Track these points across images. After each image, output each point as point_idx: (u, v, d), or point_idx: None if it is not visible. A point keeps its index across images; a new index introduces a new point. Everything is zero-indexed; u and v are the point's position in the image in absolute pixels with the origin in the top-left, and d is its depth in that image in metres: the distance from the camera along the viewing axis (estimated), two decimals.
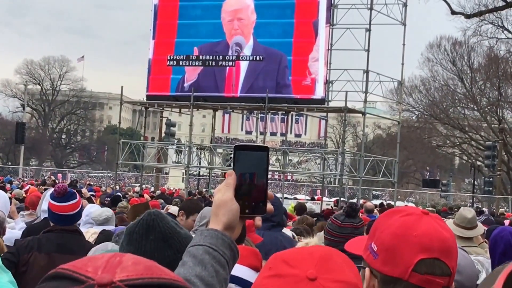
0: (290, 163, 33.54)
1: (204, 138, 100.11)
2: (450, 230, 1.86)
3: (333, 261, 1.63)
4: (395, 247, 1.81)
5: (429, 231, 1.81)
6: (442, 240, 1.81)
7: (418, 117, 62.52)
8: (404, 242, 1.80)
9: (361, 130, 37.94)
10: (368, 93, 28.65)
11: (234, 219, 1.84)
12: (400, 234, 1.82)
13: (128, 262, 1.08)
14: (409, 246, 1.80)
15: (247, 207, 1.88)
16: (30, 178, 46.98)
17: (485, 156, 43.28)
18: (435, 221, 1.84)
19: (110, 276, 1.04)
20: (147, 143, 38.05)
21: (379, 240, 1.85)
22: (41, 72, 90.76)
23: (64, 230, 5.07)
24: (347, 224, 4.83)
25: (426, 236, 1.80)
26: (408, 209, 1.90)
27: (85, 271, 1.05)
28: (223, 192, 1.88)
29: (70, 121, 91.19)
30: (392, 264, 1.81)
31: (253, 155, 1.92)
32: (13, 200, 11.61)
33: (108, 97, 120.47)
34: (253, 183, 1.90)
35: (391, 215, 1.90)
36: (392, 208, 1.97)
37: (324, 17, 28.88)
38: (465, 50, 57.67)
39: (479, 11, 47.48)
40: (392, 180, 31.98)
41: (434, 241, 1.80)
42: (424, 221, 1.83)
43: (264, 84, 29.25)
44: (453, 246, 1.84)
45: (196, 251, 1.79)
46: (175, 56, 31.43)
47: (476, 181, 55.18)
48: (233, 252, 1.82)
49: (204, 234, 1.82)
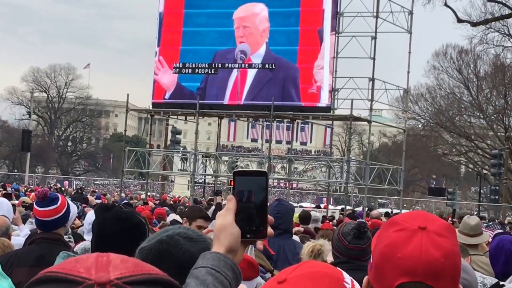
0: (296, 171, 33.50)
1: (210, 146, 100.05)
2: (448, 246, 1.76)
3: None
4: (381, 267, 1.78)
5: (415, 252, 1.74)
6: (428, 263, 1.73)
7: (424, 125, 62.40)
8: (388, 263, 1.76)
9: (367, 138, 37.95)
10: (374, 101, 28.65)
11: (236, 243, 1.90)
12: (386, 254, 1.78)
13: (116, 261, 1.11)
14: (391, 268, 1.75)
15: (248, 232, 1.93)
16: (36, 185, 47.01)
17: (491, 165, 43.09)
18: (428, 238, 1.76)
19: (106, 274, 1.05)
20: (153, 150, 38.10)
21: (373, 253, 1.83)
22: (47, 79, 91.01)
23: (47, 239, 4.93)
24: (353, 246, 4.79)
25: (409, 259, 1.74)
26: (404, 221, 1.81)
27: (78, 272, 1.06)
28: (224, 217, 1.92)
29: (76, 129, 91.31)
30: (378, 282, 1.79)
31: (252, 180, 1.97)
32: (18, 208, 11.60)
33: (114, 104, 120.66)
34: (253, 208, 1.95)
35: (388, 227, 1.85)
36: (393, 218, 1.90)
37: (329, 25, 28.90)
38: (471, 58, 57.58)
39: (485, 19, 47.44)
40: (398, 189, 31.92)
41: (417, 264, 1.73)
42: (414, 240, 1.76)
43: (270, 92, 29.24)
44: (444, 267, 1.74)
45: (199, 273, 1.82)
46: (180, 64, 31.47)
47: (482, 189, 54.93)
48: (235, 274, 1.86)
49: (207, 257, 1.86)
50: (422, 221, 1.80)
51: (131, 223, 3.45)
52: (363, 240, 4.88)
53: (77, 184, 55.31)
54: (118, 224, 3.42)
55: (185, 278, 2.38)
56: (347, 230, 4.95)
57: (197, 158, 32.01)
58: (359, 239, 4.85)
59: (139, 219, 3.55)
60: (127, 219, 3.45)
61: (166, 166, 35.29)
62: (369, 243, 4.99)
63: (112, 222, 3.42)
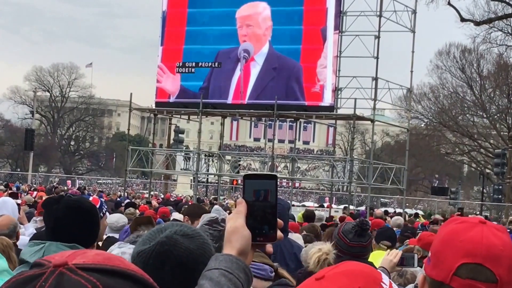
0: (299, 170, 33.48)
1: (212, 145, 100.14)
2: (506, 239, 1.86)
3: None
4: (442, 252, 1.86)
5: (476, 237, 1.83)
6: (489, 246, 1.82)
7: (427, 124, 62.36)
8: (449, 247, 1.85)
9: (370, 138, 37.89)
10: (377, 100, 28.60)
11: (247, 245, 1.93)
12: (447, 240, 1.87)
13: (91, 253, 1.21)
14: (453, 251, 1.83)
15: (258, 235, 1.95)
16: (39, 184, 47.05)
17: (494, 164, 43.08)
18: (488, 229, 1.86)
19: (67, 259, 1.17)
20: (156, 150, 38.10)
21: (433, 245, 1.92)
22: (50, 79, 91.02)
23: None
24: (355, 244, 4.80)
25: (471, 242, 1.83)
26: (466, 218, 1.95)
27: (50, 258, 1.19)
28: (235, 220, 1.95)
29: (79, 128, 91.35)
30: (438, 268, 1.85)
31: (262, 183, 1.98)
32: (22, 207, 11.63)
33: (117, 104, 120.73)
34: (263, 211, 1.97)
35: (448, 223, 1.96)
36: (452, 217, 2.04)
37: (333, 24, 28.86)
38: (475, 57, 57.54)
39: (489, 18, 47.35)
40: (401, 188, 31.91)
41: (479, 246, 1.82)
42: (476, 229, 1.86)
43: (273, 91, 29.21)
44: (503, 254, 1.82)
45: (212, 274, 1.85)
46: (183, 63, 31.47)
47: (485, 189, 54.94)
48: (247, 276, 1.89)
49: (219, 259, 1.88)
50: (482, 219, 1.95)
51: (83, 209, 3.54)
52: (364, 238, 4.90)
53: (80, 183, 55.33)
54: (71, 213, 3.49)
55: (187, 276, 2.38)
56: (348, 228, 4.97)
57: (200, 157, 32.01)
58: (361, 236, 4.87)
59: (90, 204, 3.65)
60: (79, 207, 3.53)
61: (169, 165, 35.31)
62: (370, 241, 5.00)
63: (64, 212, 3.49)
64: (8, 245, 5.31)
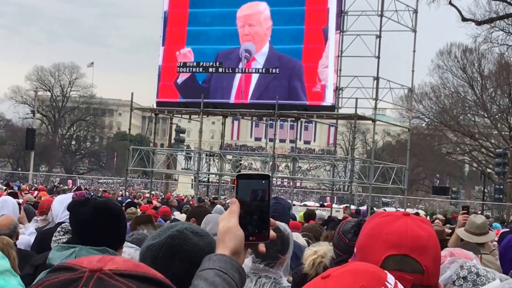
0: (300, 170, 33.46)
1: (213, 145, 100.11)
2: (431, 230, 1.87)
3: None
4: (368, 246, 1.88)
5: (401, 229, 1.84)
6: (414, 237, 1.83)
7: (428, 124, 62.35)
8: (375, 240, 1.86)
9: (371, 137, 37.89)
10: (378, 100, 28.60)
11: (240, 245, 1.92)
12: (373, 233, 1.88)
13: (119, 259, 1.26)
14: (379, 243, 1.85)
15: (250, 235, 1.94)
16: (40, 184, 47.08)
17: (496, 163, 43.05)
18: (413, 221, 1.87)
19: (101, 265, 1.21)
20: (157, 149, 38.09)
21: (358, 241, 1.94)
22: (51, 78, 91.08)
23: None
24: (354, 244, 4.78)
25: (396, 234, 1.84)
26: (390, 212, 1.97)
27: (81, 263, 1.23)
28: (228, 219, 1.94)
29: (80, 128, 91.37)
30: (365, 262, 1.83)
31: (255, 183, 1.98)
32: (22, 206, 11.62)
33: (118, 103, 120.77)
34: (256, 210, 1.97)
35: (372, 218, 1.97)
36: (377, 212, 2.02)
37: (334, 24, 28.85)
38: (476, 57, 57.51)
39: (490, 17, 47.34)
40: (402, 187, 31.89)
41: (404, 238, 1.83)
42: (400, 221, 1.87)
43: (275, 91, 29.20)
44: (428, 245, 1.84)
45: (207, 275, 1.85)
46: (185, 63, 31.46)
47: (486, 188, 54.94)
48: (241, 276, 1.89)
49: (213, 259, 1.88)
50: (406, 212, 1.97)
51: (112, 211, 3.41)
52: None
53: (81, 183, 55.34)
54: (99, 215, 3.35)
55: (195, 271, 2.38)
56: (348, 228, 4.95)
57: (201, 156, 32.00)
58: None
59: (117, 206, 3.54)
60: (107, 209, 3.40)
61: (170, 165, 35.29)
62: None
63: (92, 214, 3.34)
64: (8, 244, 5.30)
